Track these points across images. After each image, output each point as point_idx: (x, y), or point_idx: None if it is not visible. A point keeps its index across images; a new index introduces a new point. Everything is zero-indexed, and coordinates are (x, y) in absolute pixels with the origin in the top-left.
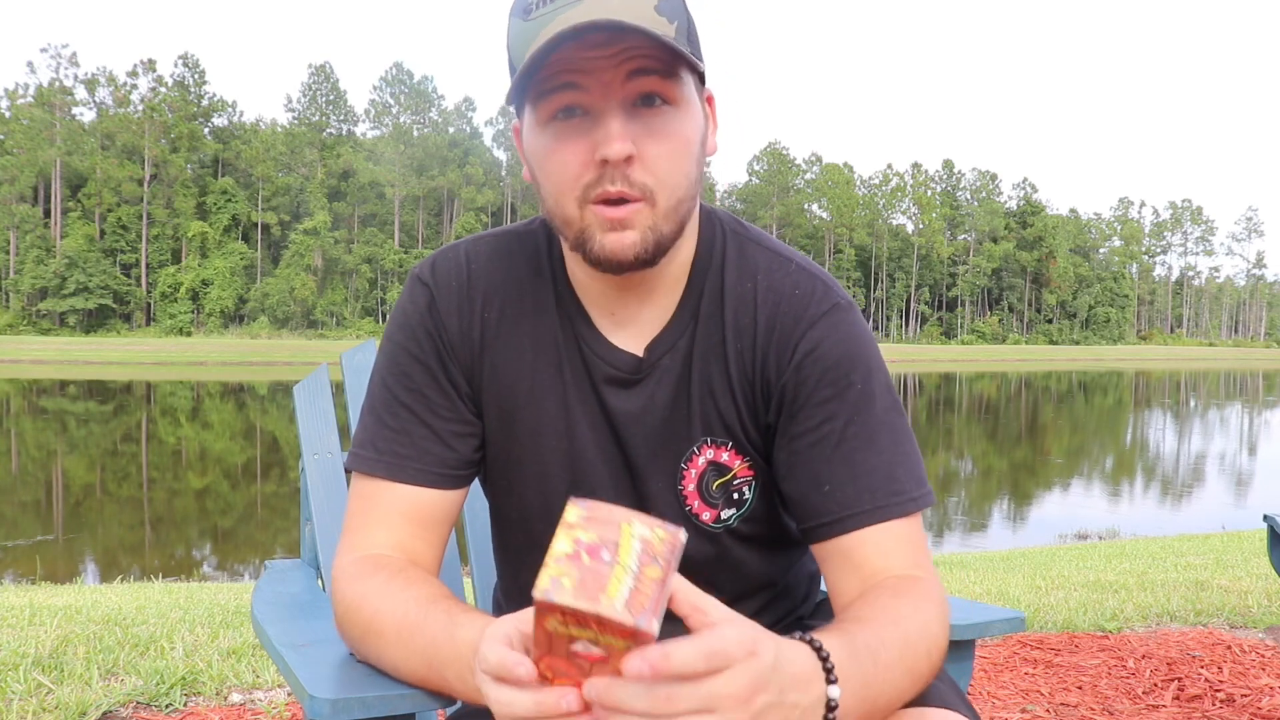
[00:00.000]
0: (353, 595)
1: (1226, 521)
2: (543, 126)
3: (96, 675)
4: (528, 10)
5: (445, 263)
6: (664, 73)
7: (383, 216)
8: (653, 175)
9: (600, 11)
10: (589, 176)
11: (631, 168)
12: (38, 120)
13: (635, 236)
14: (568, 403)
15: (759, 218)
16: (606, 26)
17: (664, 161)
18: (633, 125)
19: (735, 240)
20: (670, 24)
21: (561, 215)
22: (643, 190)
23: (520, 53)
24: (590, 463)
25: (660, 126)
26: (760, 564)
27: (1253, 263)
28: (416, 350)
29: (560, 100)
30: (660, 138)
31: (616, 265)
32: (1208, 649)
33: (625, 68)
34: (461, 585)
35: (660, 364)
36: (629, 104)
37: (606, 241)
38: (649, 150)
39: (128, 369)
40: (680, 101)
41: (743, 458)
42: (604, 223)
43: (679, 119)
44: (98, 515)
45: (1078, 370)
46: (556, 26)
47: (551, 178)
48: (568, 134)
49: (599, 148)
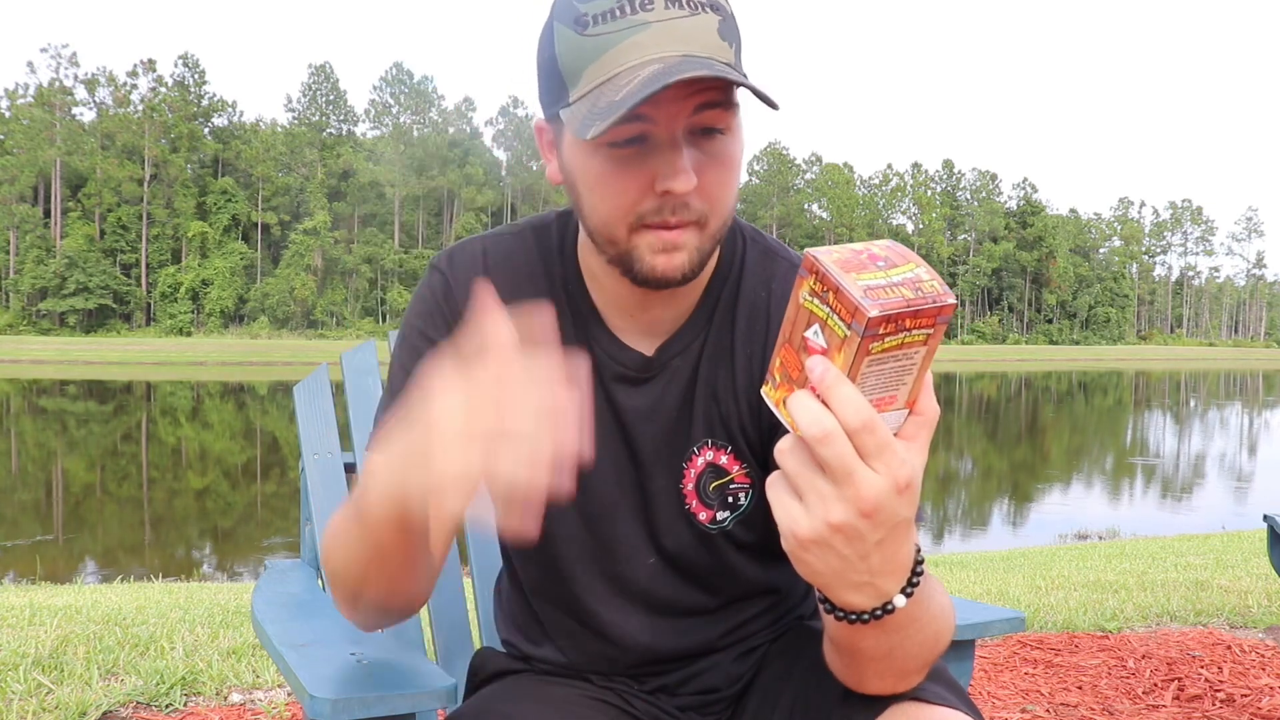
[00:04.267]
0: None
1: (1226, 521)
2: (594, 150)
3: (96, 675)
4: (582, 23)
5: (462, 255)
6: (725, 104)
7: (383, 216)
8: (708, 202)
9: (671, 41)
10: (647, 205)
11: (691, 198)
12: (38, 120)
13: (684, 259)
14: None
15: (759, 218)
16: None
17: (719, 189)
18: (693, 154)
19: (754, 248)
20: (730, 48)
21: (608, 235)
22: (698, 216)
23: (576, 68)
24: (597, 458)
25: (718, 154)
26: (757, 570)
27: (1253, 263)
28: (434, 334)
29: (630, 130)
30: (718, 166)
31: (664, 284)
32: (1208, 649)
33: (694, 100)
34: (461, 584)
35: (670, 364)
36: (691, 134)
37: (658, 263)
38: (707, 178)
39: (128, 369)
40: (733, 128)
41: (741, 463)
42: (655, 244)
43: (732, 144)
44: (98, 515)
45: (1078, 370)
46: (626, 53)
47: (606, 202)
48: (627, 162)
49: (662, 179)
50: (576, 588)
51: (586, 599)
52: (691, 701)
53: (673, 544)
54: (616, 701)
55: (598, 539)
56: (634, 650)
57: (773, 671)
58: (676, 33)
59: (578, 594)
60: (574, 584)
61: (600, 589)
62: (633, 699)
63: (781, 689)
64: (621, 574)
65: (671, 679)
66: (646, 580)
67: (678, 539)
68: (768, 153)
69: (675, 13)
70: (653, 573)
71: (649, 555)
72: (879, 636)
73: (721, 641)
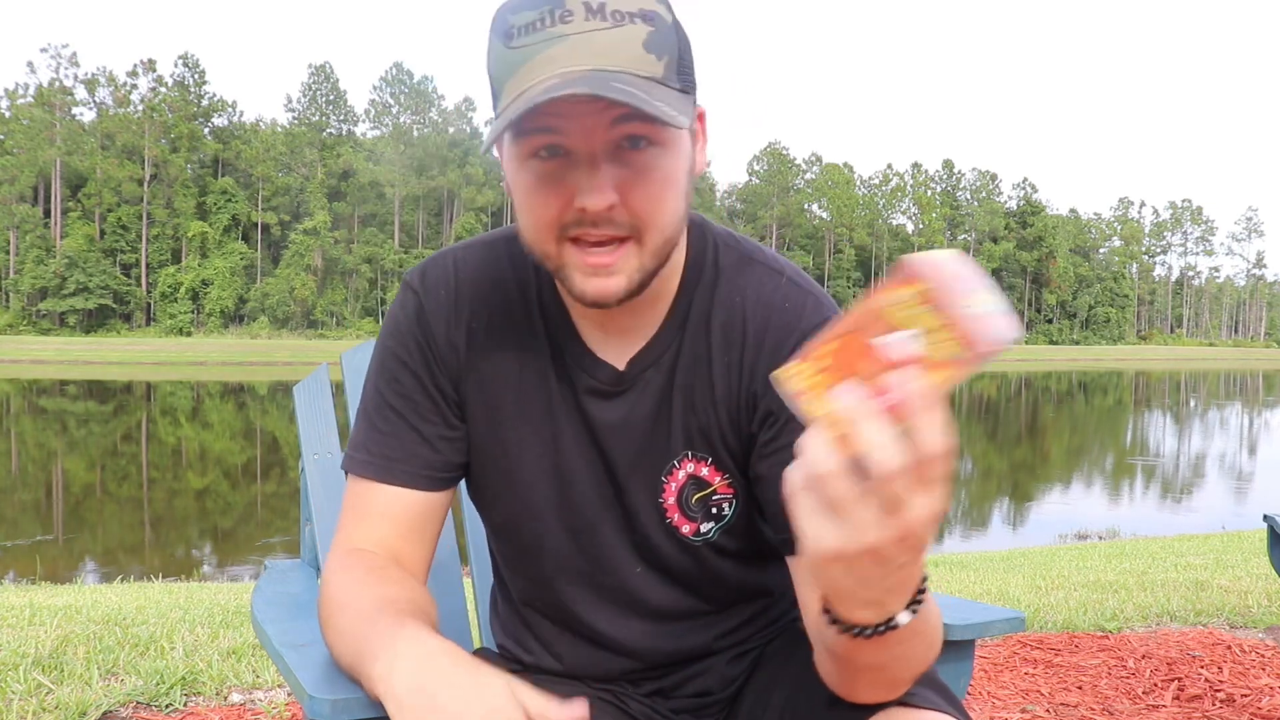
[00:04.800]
0: (330, 585)
1: (1226, 521)
2: (522, 162)
3: (96, 675)
4: (509, 35)
5: (435, 270)
6: (649, 118)
7: (383, 216)
8: (637, 217)
9: (587, 54)
10: (569, 218)
11: (614, 213)
12: (38, 120)
13: (620, 282)
14: (553, 413)
15: (759, 218)
16: (590, 91)
17: (650, 203)
18: (615, 169)
19: (727, 253)
20: (659, 61)
21: (540, 250)
22: (627, 230)
23: (500, 80)
24: (575, 473)
25: (645, 167)
26: (744, 576)
27: (1253, 263)
28: (405, 356)
29: (539, 141)
30: (646, 180)
31: (601, 305)
32: (1208, 649)
33: (608, 114)
34: (461, 585)
35: (643, 376)
36: (614, 146)
37: (588, 287)
38: (634, 193)
39: (128, 369)
40: (666, 140)
41: (723, 474)
42: (585, 267)
43: (666, 157)
44: (98, 515)
45: (1078, 370)
46: (539, 67)
47: (531, 214)
48: (548, 175)
49: (578, 195)
50: (566, 598)
51: (577, 608)
52: (686, 704)
53: (657, 555)
54: (614, 702)
55: (583, 551)
56: (627, 657)
57: (766, 674)
58: (593, 46)
59: (567, 604)
60: (563, 594)
61: (590, 598)
62: (629, 701)
63: (773, 691)
64: (610, 584)
65: (666, 682)
66: (636, 589)
67: (661, 550)
68: (768, 153)
69: (596, 25)
70: (642, 581)
71: (635, 565)
72: (878, 651)
73: (715, 645)
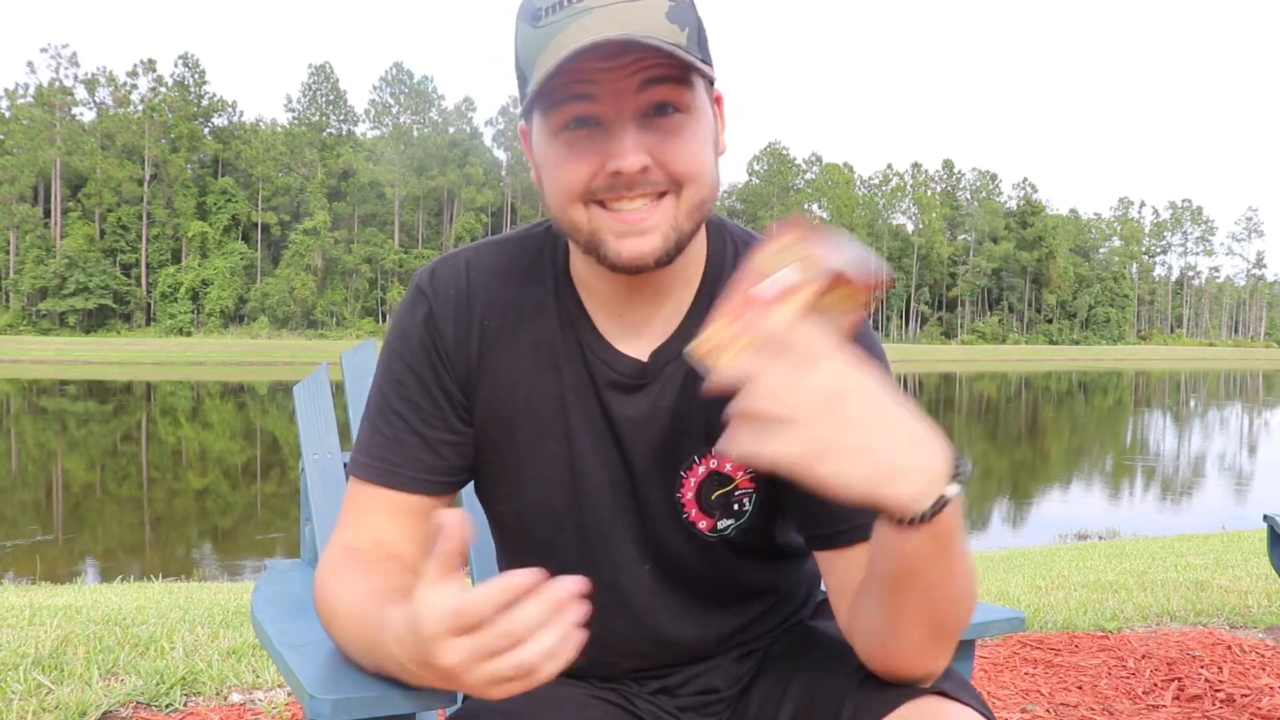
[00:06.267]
0: (324, 585)
1: (1226, 521)
2: (554, 136)
3: (96, 675)
4: (536, 16)
5: (445, 270)
6: (676, 80)
7: (383, 216)
8: (672, 174)
9: (612, 24)
10: (598, 183)
11: (650, 174)
12: (38, 120)
13: (657, 240)
14: (566, 408)
15: (759, 218)
16: (618, 41)
17: (683, 161)
18: (646, 135)
19: (746, 249)
20: (681, 31)
21: (569, 220)
22: (665, 185)
23: (530, 60)
24: (589, 468)
25: (676, 129)
26: (758, 574)
27: (1253, 263)
28: (411, 360)
29: (571, 111)
30: (677, 141)
31: (636, 269)
32: (1208, 649)
33: (638, 78)
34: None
35: (665, 371)
36: (642, 114)
37: (624, 248)
38: (667, 153)
39: (128, 369)
40: (693, 108)
41: (744, 469)
42: (618, 226)
43: (692, 124)
44: (98, 515)
45: (1078, 370)
46: (569, 38)
47: (559, 183)
48: (579, 144)
49: (611, 160)
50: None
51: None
52: (692, 702)
53: (667, 552)
54: (619, 701)
55: (592, 548)
56: (632, 655)
57: (775, 672)
58: (618, 17)
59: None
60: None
61: (596, 597)
62: (635, 699)
63: (785, 689)
64: (617, 581)
65: (672, 680)
66: (643, 587)
67: (673, 547)
68: (768, 153)
69: None
70: (649, 580)
71: (644, 563)
72: (932, 553)
73: (721, 643)
